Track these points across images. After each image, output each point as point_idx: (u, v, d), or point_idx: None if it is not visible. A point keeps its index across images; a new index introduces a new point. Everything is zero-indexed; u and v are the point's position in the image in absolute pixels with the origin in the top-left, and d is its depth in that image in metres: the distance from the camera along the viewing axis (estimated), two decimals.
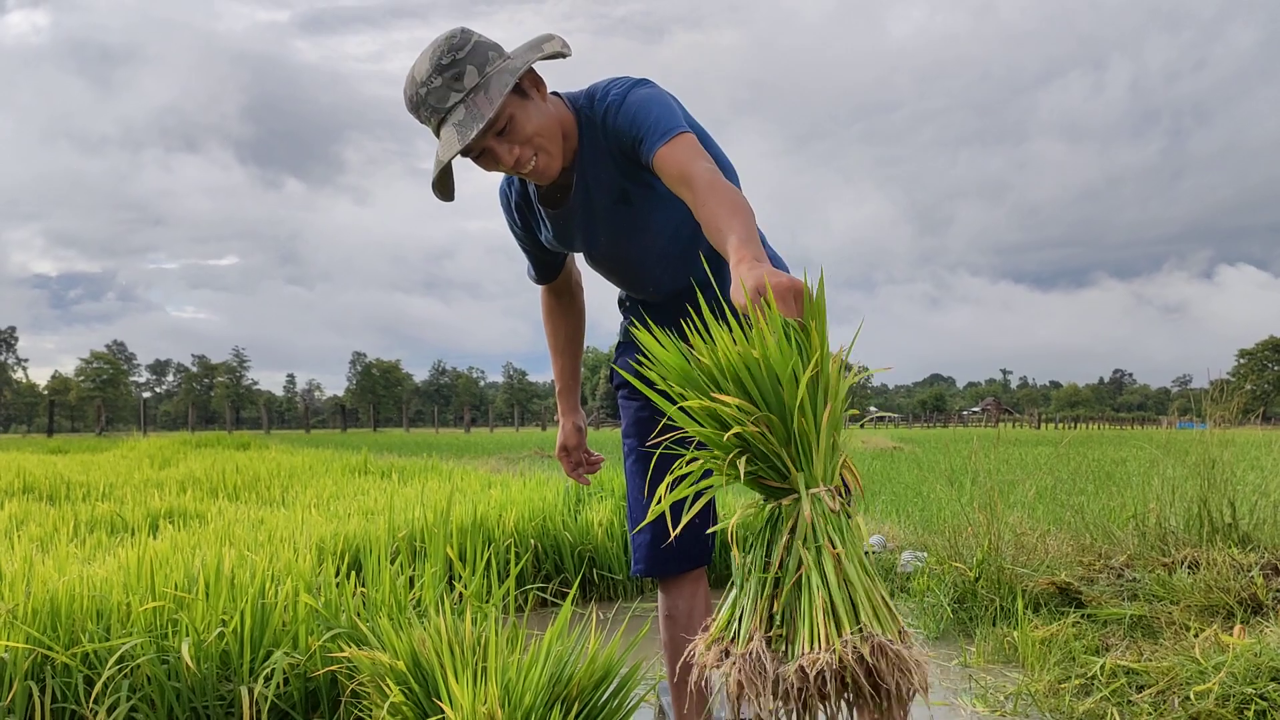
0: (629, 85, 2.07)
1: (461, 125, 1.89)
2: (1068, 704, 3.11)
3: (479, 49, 1.92)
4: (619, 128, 2.04)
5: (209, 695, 2.40)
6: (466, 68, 1.90)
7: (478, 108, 1.89)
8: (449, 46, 1.90)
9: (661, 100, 2.03)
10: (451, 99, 1.90)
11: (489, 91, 1.89)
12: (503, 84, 1.89)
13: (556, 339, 2.60)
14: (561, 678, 1.79)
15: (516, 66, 1.92)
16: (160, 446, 14.46)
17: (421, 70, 1.91)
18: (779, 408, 1.38)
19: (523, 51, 1.98)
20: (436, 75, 1.90)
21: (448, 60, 1.89)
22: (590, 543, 5.21)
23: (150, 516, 5.34)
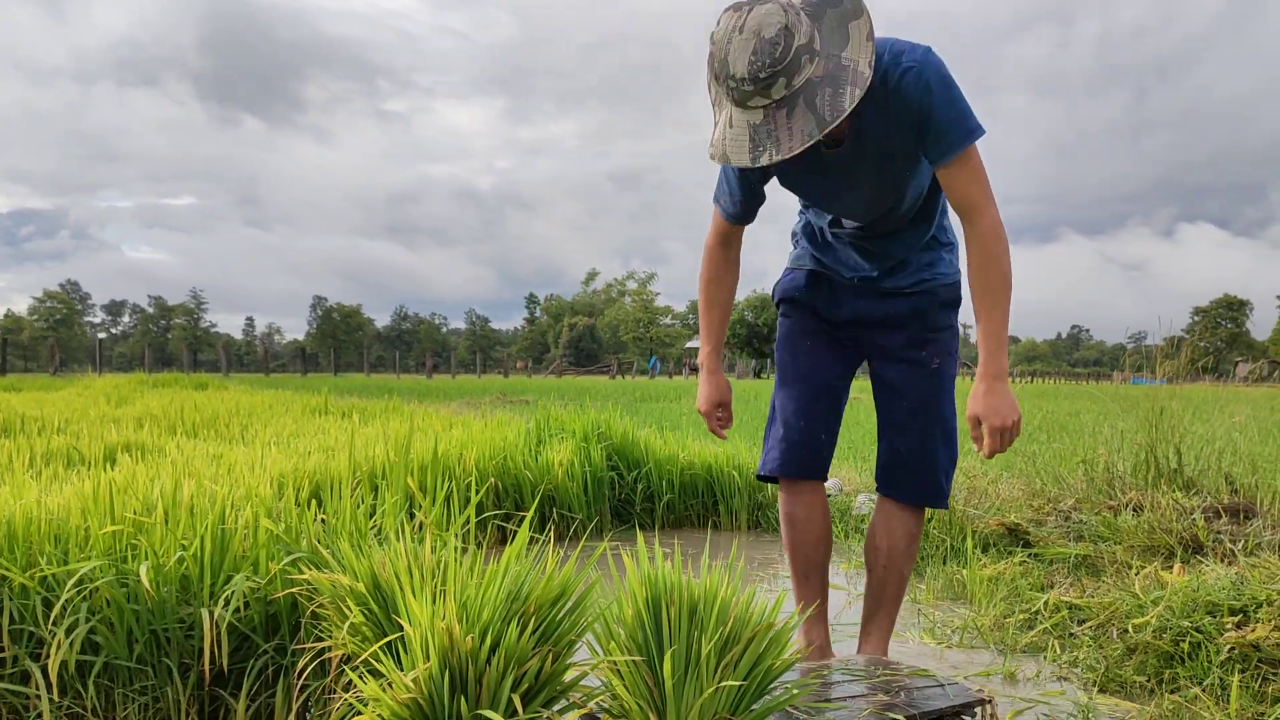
0: (924, 56, 2.12)
1: (756, 132, 1.96)
2: (1011, 636, 3.21)
3: (795, 57, 1.92)
4: (911, 102, 2.13)
5: (168, 618, 2.41)
6: (778, 80, 1.92)
7: (775, 125, 1.95)
8: (770, 59, 1.91)
9: (957, 93, 2.13)
10: (755, 101, 1.95)
11: (791, 117, 1.94)
12: (808, 128, 1.93)
13: (719, 293, 2.66)
14: (519, 595, 1.83)
15: (824, 116, 1.93)
16: (116, 385, 14.29)
17: (738, 67, 1.93)
18: None
19: (833, 48, 1.97)
20: (750, 82, 1.93)
21: (765, 76, 1.91)
22: (551, 482, 5.25)
23: (107, 450, 5.30)
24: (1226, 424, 5.89)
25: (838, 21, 1.98)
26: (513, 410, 11.74)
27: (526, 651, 1.74)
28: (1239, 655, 2.59)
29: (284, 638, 2.46)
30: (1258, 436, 6.67)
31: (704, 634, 1.81)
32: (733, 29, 1.93)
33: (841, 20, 1.99)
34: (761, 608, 1.92)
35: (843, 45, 1.98)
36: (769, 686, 1.91)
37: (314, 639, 2.32)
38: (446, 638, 1.69)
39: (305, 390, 15.61)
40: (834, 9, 1.99)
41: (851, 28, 1.99)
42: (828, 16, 1.98)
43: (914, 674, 2.45)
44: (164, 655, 2.42)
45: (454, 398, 18.35)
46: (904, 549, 2.66)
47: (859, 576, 4.30)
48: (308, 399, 11.04)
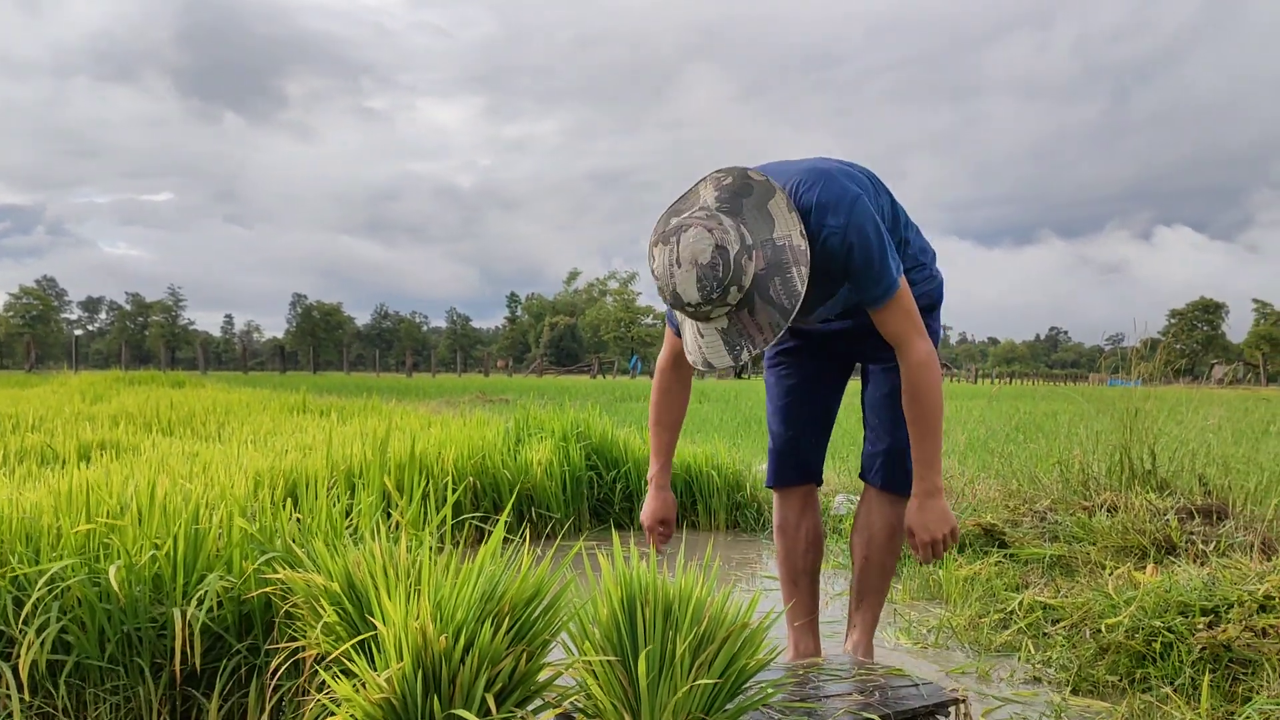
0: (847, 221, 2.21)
1: (728, 336, 2.09)
2: (986, 636, 3.23)
3: (737, 264, 2.01)
4: (835, 260, 2.23)
5: (141, 617, 2.39)
6: (729, 290, 2.02)
7: (743, 324, 2.07)
8: (714, 280, 2.00)
9: (877, 244, 2.23)
10: (716, 312, 2.06)
11: (754, 314, 2.06)
12: (773, 319, 2.06)
13: (669, 414, 2.75)
14: (493, 594, 1.82)
15: (784, 304, 2.05)
16: (92, 382, 14.18)
17: (689, 296, 2.02)
18: None
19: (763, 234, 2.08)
20: (705, 305, 2.03)
21: (717, 294, 2.01)
22: (529, 481, 5.24)
23: (82, 448, 5.26)
24: (1200, 426, 5.94)
25: (756, 209, 2.10)
26: (492, 409, 11.72)
27: (500, 651, 1.74)
28: (1210, 655, 2.62)
29: (257, 637, 2.45)
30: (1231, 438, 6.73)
31: (679, 634, 1.81)
32: (670, 264, 2.03)
33: (759, 205, 2.10)
34: (736, 607, 1.93)
35: (770, 228, 2.09)
36: (744, 686, 1.92)
37: (288, 639, 2.31)
38: (420, 637, 1.69)
39: (283, 388, 15.53)
40: (747, 198, 2.10)
41: (770, 208, 2.11)
42: (745, 208, 2.09)
43: (889, 673, 2.47)
44: (136, 655, 2.40)
45: (434, 396, 18.30)
46: (883, 541, 2.71)
47: (835, 576, 4.31)
48: (286, 397, 10.98)
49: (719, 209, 2.07)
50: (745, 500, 5.65)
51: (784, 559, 2.85)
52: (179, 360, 72.83)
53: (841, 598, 3.92)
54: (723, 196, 2.10)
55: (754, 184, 2.13)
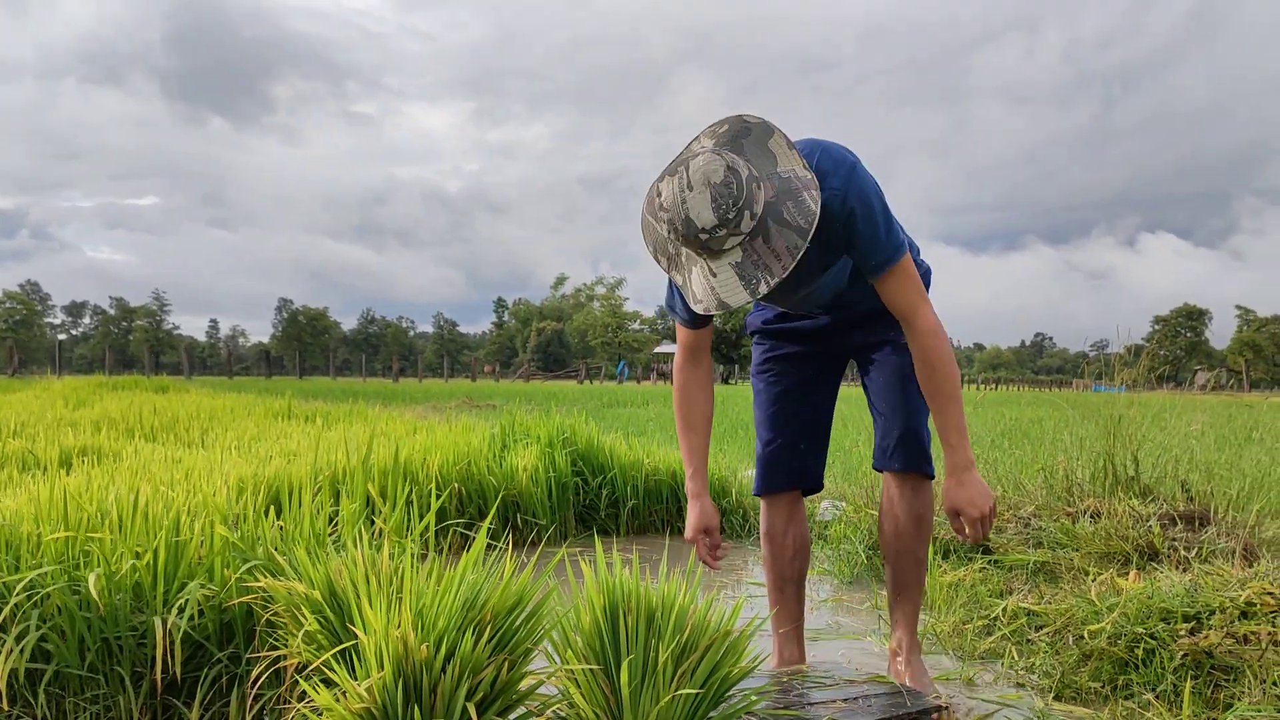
0: (846, 180, 2.21)
1: (743, 269, 1.99)
2: (970, 642, 3.23)
3: (748, 188, 1.96)
4: (836, 223, 2.21)
5: (121, 626, 2.38)
6: (744, 215, 1.96)
7: (759, 254, 1.99)
8: (730, 199, 1.94)
9: (879, 207, 2.24)
10: (729, 243, 1.98)
11: (770, 240, 1.99)
12: (791, 242, 1.98)
13: (693, 414, 2.63)
14: (475, 603, 1.82)
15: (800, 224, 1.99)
16: (75, 387, 14.10)
17: (704, 219, 1.95)
18: None
19: (768, 168, 2.04)
20: (721, 228, 1.95)
21: (732, 214, 1.94)
22: (515, 488, 5.23)
23: (63, 454, 5.23)
24: (1184, 432, 5.97)
25: (757, 146, 2.07)
26: (479, 415, 11.71)
27: (482, 660, 1.73)
28: (1192, 662, 2.62)
29: (238, 646, 2.43)
30: (1214, 444, 6.76)
31: (661, 642, 1.81)
32: (680, 190, 1.97)
33: (759, 143, 2.07)
34: (719, 615, 1.93)
35: (773, 164, 2.06)
36: (726, 694, 1.92)
37: (269, 647, 2.30)
38: (401, 646, 1.68)
39: (268, 393, 15.48)
40: (747, 138, 2.07)
41: (771, 145, 2.08)
42: (746, 146, 2.06)
43: (872, 680, 2.47)
44: (116, 663, 2.39)
45: (420, 401, 18.25)
46: (913, 531, 2.67)
47: (820, 583, 4.31)
48: (271, 402, 10.95)
49: (724, 146, 2.04)
50: (730, 506, 5.65)
51: (771, 566, 2.84)
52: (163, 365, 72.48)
53: (825, 605, 3.92)
54: (721, 140, 2.07)
55: (751, 125, 2.09)
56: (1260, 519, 4.05)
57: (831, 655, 3.15)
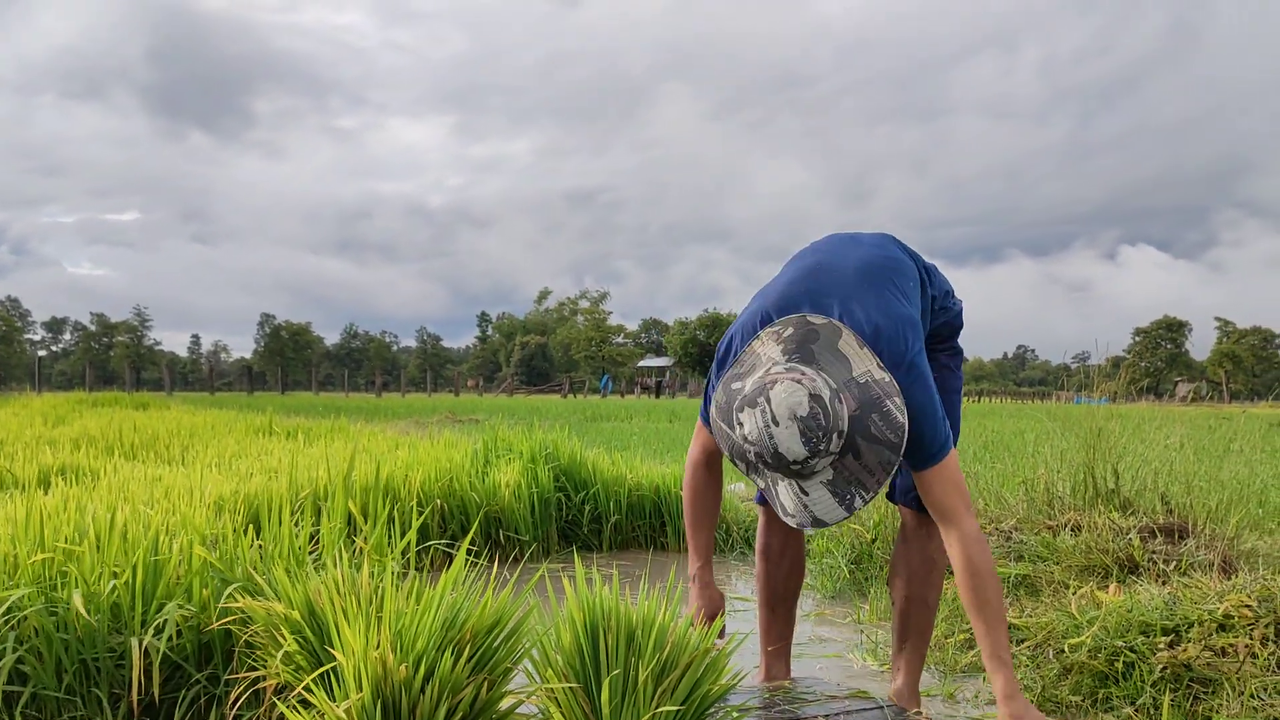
0: (903, 376, 2.12)
1: (836, 487, 1.99)
2: (951, 657, 3.24)
3: (833, 410, 1.95)
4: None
5: (99, 647, 2.36)
6: (831, 437, 1.95)
7: (850, 471, 1.99)
8: (819, 428, 1.92)
9: (930, 407, 2.15)
10: (820, 464, 1.97)
11: (860, 457, 1.98)
12: (884, 458, 1.99)
13: (705, 512, 2.63)
14: (455, 622, 1.81)
15: (890, 438, 1.99)
16: (55, 404, 14.01)
17: (796, 453, 1.93)
18: None
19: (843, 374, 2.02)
20: (813, 458, 1.95)
21: (825, 440, 1.94)
22: (497, 504, 5.22)
23: (41, 473, 5.19)
24: (1163, 444, 6.01)
25: (828, 352, 2.05)
26: (462, 430, 11.68)
27: (461, 680, 1.73)
28: (1171, 675, 2.64)
29: (217, 667, 2.42)
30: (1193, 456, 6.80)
31: (641, 660, 1.81)
32: (766, 425, 1.94)
33: (829, 347, 2.05)
34: (700, 632, 1.93)
35: (848, 368, 2.03)
36: (707, 711, 1.92)
37: (247, 668, 2.29)
38: (380, 667, 1.68)
39: (250, 410, 15.40)
40: (816, 343, 2.05)
41: (842, 347, 2.06)
42: (818, 354, 2.04)
43: (853, 696, 2.47)
44: (94, 685, 2.37)
45: (403, 417, 18.20)
46: (924, 576, 2.65)
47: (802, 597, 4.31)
48: (252, 419, 10.89)
49: (791, 361, 2.03)
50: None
51: (764, 583, 2.81)
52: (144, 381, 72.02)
53: (808, 619, 3.93)
54: (789, 348, 2.06)
55: (818, 329, 2.09)
56: (1239, 531, 4.08)
57: (814, 670, 3.15)
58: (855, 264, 2.30)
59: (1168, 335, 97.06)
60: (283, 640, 2.08)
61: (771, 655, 2.79)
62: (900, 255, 2.42)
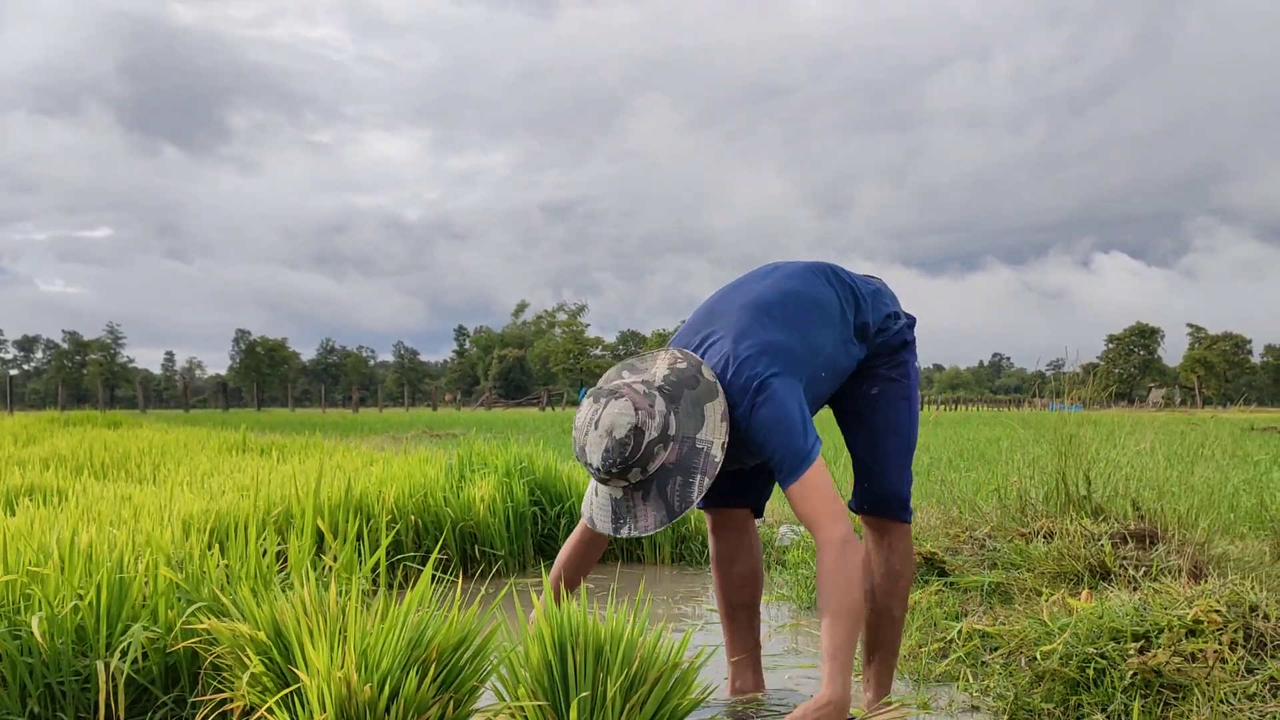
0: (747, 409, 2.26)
1: (618, 506, 2.20)
2: (925, 665, 3.24)
3: (646, 450, 2.12)
4: (750, 440, 2.28)
5: (64, 670, 2.33)
6: (632, 470, 2.13)
7: (634, 503, 2.17)
8: (620, 457, 2.11)
9: (779, 429, 2.24)
10: (615, 484, 2.18)
11: (647, 499, 2.16)
12: (660, 516, 2.16)
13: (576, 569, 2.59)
14: (420, 641, 1.80)
15: (674, 506, 2.16)
16: (25, 424, 13.85)
17: (593, 458, 2.14)
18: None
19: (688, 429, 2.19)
20: (602, 472, 2.14)
21: (617, 469, 2.12)
22: (472, 519, 5.19)
23: (9, 494, 5.13)
24: (1135, 450, 6.05)
25: (693, 404, 2.21)
26: (438, 445, 11.63)
27: (427, 699, 1.71)
28: (1141, 681, 2.65)
29: (184, 689, 2.39)
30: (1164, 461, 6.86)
31: (610, 675, 1.80)
32: (589, 422, 2.16)
33: (698, 402, 2.21)
34: (669, 646, 1.92)
35: (698, 427, 2.19)
36: None
37: (214, 690, 2.26)
38: (344, 687, 1.66)
39: (224, 426, 15.28)
40: (690, 390, 2.22)
41: (707, 409, 2.21)
42: (684, 399, 2.20)
43: None
44: (59, 709, 2.34)
45: (380, 432, 18.10)
46: (887, 588, 2.68)
47: (778, 607, 4.31)
48: (226, 436, 10.80)
49: (660, 389, 2.19)
50: (690, 533, 5.64)
51: (720, 592, 2.84)
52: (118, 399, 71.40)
53: (783, 630, 3.92)
54: (670, 378, 2.23)
55: (701, 380, 2.25)
56: (1209, 536, 4.11)
57: (788, 682, 3.15)
58: (745, 300, 2.46)
59: (1140, 341, 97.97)
60: (249, 662, 2.06)
61: (737, 666, 2.79)
62: (807, 289, 2.49)
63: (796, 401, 2.28)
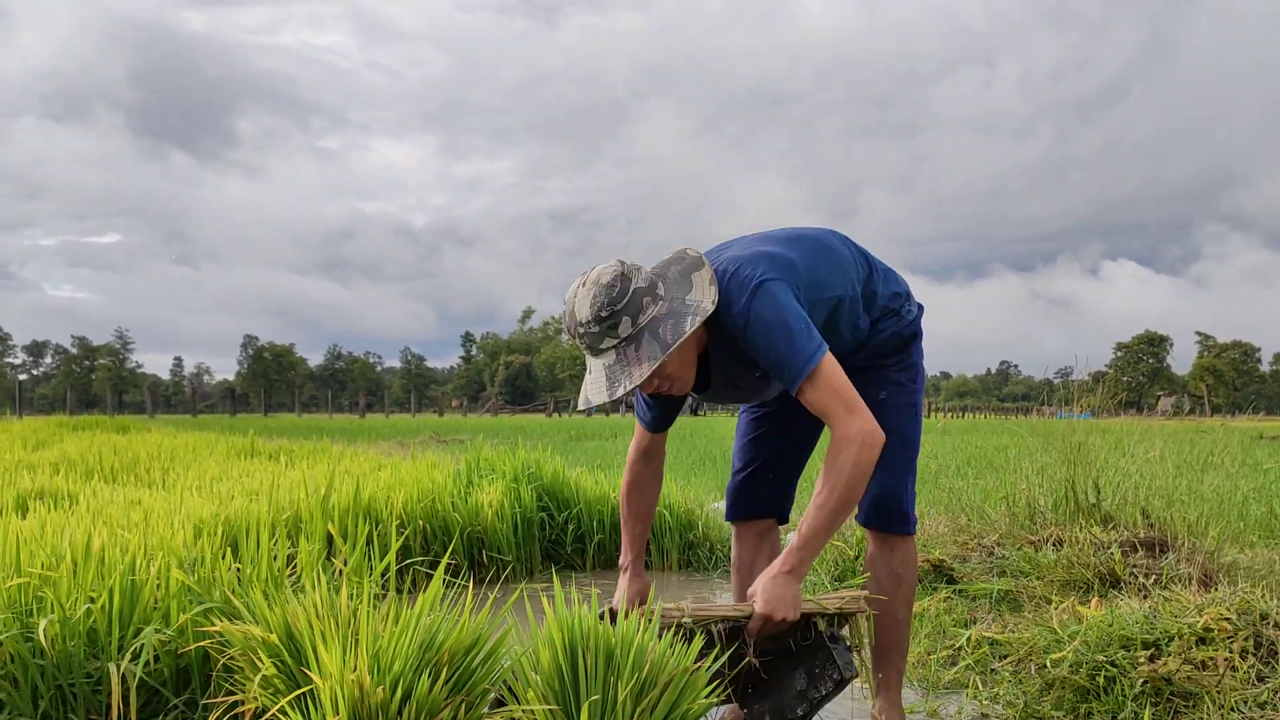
0: (744, 307, 2.24)
1: (611, 371, 2.17)
2: (934, 673, 3.24)
3: (635, 298, 2.16)
4: (750, 344, 2.26)
5: (75, 673, 2.34)
6: (622, 319, 2.15)
7: (627, 360, 2.16)
8: (608, 299, 2.14)
9: (781, 326, 2.22)
10: (605, 343, 2.17)
11: (639, 349, 2.16)
12: (653, 353, 2.15)
13: (642, 505, 2.75)
14: (432, 644, 1.80)
15: (658, 350, 2.16)
16: (35, 429, 13.91)
17: (582, 312, 2.17)
18: None
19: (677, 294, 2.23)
20: (595, 324, 2.16)
21: (606, 314, 2.14)
22: (480, 524, 5.20)
23: (19, 498, 5.15)
24: (1144, 458, 6.04)
25: (680, 274, 2.26)
26: (445, 450, 11.64)
27: (439, 702, 1.72)
28: (1151, 689, 2.64)
29: (195, 691, 2.40)
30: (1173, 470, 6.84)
31: (620, 680, 1.80)
32: (577, 286, 2.21)
33: (684, 273, 2.26)
34: (679, 651, 1.92)
35: (686, 291, 2.23)
36: None
37: (225, 692, 2.27)
38: (357, 689, 1.67)
39: (232, 432, 15.31)
40: (678, 265, 2.27)
41: (695, 277, 2.25)
42: (671, 272, 2.26)
43: None
44: (70, 711, 2.35)
45: (387, 437, 18.13)
46: (891, 591, 2.67)
47: None
48: (234, 440, 10.83)
49: (653, 270, 2.25)
50: (698, 539, 5.64)
51: (736, 597, 2.85)
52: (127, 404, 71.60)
53: None
54: (661, 263, 2.28)
55: (687, 255, 2.29)
56: (1219, 544, 4.10)
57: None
58: (755, 236, 2.51)
59: (1149, 350, 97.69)
60: (260, 664, 2.07)
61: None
62: (822, 236, 2.53)
63: (796, 306, 2.25)
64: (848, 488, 2.19)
